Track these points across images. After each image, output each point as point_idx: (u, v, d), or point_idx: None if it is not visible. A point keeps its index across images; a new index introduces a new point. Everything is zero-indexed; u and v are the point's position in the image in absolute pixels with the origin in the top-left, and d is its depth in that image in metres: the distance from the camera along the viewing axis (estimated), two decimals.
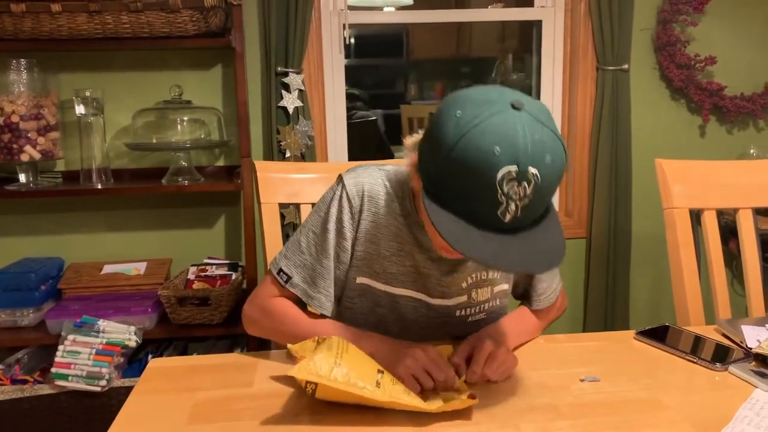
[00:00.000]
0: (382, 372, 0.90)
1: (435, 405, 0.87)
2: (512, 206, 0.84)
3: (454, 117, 0.85)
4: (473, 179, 0.83)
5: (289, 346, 0.94)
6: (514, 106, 0.84)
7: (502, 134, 0.82)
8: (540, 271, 0.95)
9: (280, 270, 1.10)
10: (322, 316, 1.11)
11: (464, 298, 1.12)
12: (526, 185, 0.83)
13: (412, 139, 0.99)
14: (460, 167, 0.84)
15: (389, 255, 1.09)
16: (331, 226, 1.08)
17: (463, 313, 1.14)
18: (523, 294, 1.22)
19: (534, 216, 0.88)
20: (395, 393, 0.87)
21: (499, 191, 0.82)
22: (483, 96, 0.86)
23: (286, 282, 1.09)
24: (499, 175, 0.82)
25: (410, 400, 0.87)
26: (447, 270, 1.09)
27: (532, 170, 0.82)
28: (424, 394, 0.92)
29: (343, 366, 0.86)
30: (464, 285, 1.12)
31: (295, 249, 1.11)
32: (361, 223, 1.08)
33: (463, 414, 0.88)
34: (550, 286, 1.18)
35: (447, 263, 1.09)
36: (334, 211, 1.08)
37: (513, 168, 0.82)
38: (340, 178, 1.10)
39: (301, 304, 1.12)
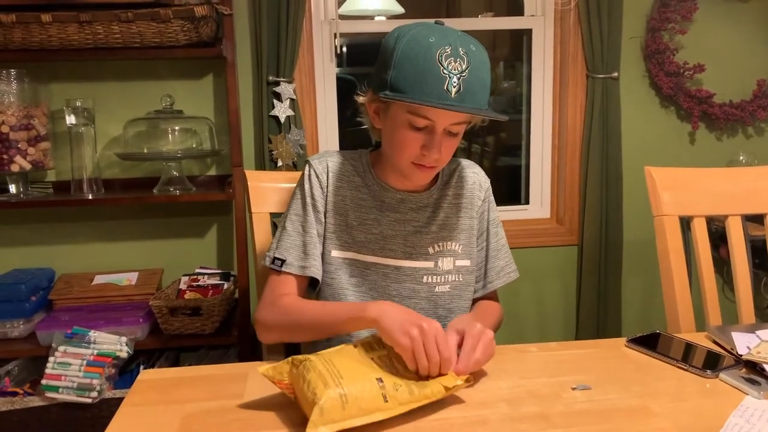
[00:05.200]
0: (381, 380, 0.88)
1: (437, 393, 0.90)
2: (454, 80, 1.03)
3: (393, 36, 1.08)
4: (419, 62, 1.03)
5: (261, 370, 0.92)
6: (437, 23, 1.10)
7: (433, 30, 1.06)
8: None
9: (275, 258, 1.19)
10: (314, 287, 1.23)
11: (431, 264, 1.23)
12: (461, 61, 1.04)
13: (361, 97, 1.19)
14: (406, 59, 1.04)
15: (357, 225, 1.21)
16: (308, 201, 1.21)
17: (430, 280, 1.23)
18: (478, 281, 1.31)
19: (475, 98, 1.06)
20: (402, 399, 0.87)
21: (441, 67, 1.03)
22: (412, 23, 1.10)
23: (281, 266, 1.18)
24: (438, 53, 1.03)
25: (417, 397, 0.88)
26: (412, 230, 1.22)
27: (462, 49, 1.04)
28: (422, 383, 0.91)
29: (344, 387, 0.84)
30: (431, 251, 1.23)
31: (282, 235, 1.21)
32: (328, 197, 1.21)
33: (454, 424, 0.88)
34: (508, 264, 1.32)
35: (411, 224, 1.22)
36: (307, 188, 1.21)
37: (448, 47, 1.03)
38: (307, 161, 1.24)
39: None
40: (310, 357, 0.90)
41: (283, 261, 1.18)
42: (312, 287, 1.24)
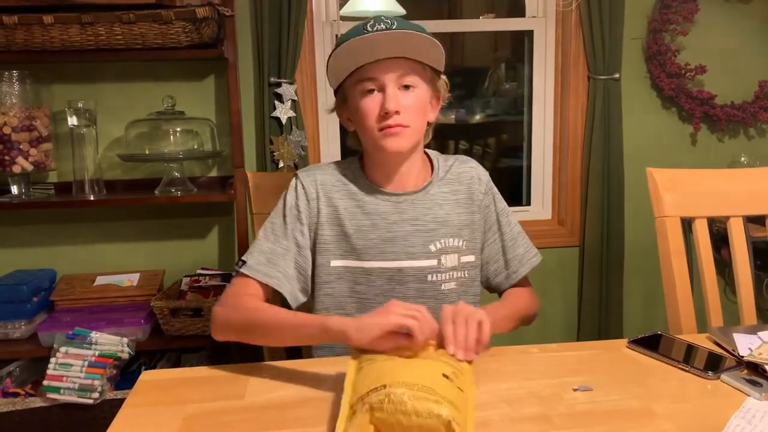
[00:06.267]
0: (446, 375, 0.85)
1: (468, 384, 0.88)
2: (381, 26, 1.10)
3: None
4: (347, 39, 1.11)
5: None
6: None
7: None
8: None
9: (239, 260, 1.19)
10: (282, 302, 1.17)
11: (434, 262, 1.23)
12: (386, 23, 1.10)
13: (331, 109, 1.26)
14: (338, 44, 1.13)
15: (354, 232, 1.21)
16: (288, 211, 1.21)
17: (434, 278, 1.23)
18: (500, 272, 1.31)
19: (407, 26, 1.12)
20: (462, 384, 0.85)
21: (366, 31, 1.10)
22: None
23: (241, 267, 1.16)
24: (362, 24, 1.11)
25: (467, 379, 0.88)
26: (411, 230, 1.22)
27: (389, 18, 1.11)
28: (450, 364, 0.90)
29: (444, 396, 0.80)
30: (433, 249, 1.22)
31: (255, 241, 1.21)
32: (321, 209, 1.21)
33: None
34: (528, 251, 1.32)
35: (409, 223, 1.22)
36: (290, 199, 1.22)
37: (372, 19, 1.11)
38: (295, 174, 1.25)
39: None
40: (381, 394, 0.80)
41: (244, 263, 1.17)
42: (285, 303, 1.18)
